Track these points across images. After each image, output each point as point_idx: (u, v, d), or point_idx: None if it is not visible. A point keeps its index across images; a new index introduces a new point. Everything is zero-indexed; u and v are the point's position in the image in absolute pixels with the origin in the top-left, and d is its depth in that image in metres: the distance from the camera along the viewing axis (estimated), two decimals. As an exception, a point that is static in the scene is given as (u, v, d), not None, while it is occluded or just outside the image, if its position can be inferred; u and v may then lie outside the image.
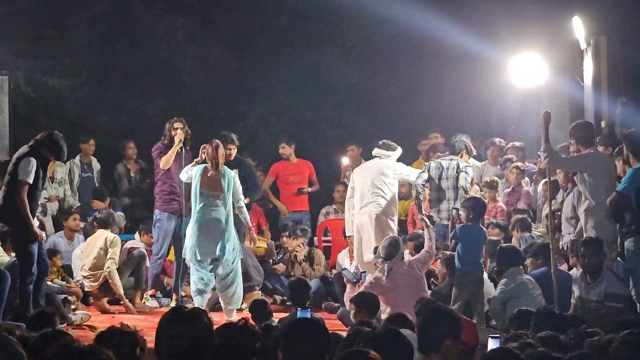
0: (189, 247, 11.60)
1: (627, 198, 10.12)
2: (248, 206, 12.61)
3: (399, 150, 12.83)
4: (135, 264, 12.75)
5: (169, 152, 12.66)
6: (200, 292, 11.62)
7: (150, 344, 6.16)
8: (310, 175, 15.30)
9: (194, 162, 11.80)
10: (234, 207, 11.81)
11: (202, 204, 11.55)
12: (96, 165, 15.61)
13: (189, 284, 11.98)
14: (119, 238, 12.68)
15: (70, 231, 13.81)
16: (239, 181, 11.93)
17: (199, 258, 11.52)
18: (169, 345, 5.01)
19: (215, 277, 11.63)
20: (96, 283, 12.37)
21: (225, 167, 11.75)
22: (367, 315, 9.07)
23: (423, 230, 11.41)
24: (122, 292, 12.37)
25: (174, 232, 12.79)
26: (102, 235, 12.51)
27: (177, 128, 12.76)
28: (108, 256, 12.32)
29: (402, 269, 10.61)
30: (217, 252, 11.47)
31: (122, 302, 12.43)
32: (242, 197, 11.88)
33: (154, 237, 13.01)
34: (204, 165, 11.66)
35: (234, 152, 13.21)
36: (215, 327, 5.41)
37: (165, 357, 5.05)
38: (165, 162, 12.68)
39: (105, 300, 12.51)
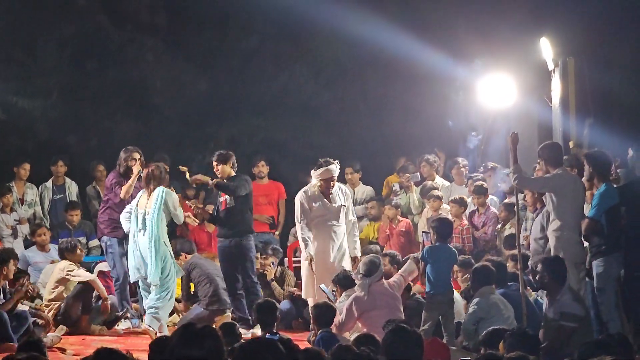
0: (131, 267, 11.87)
1: (599, 222, 10.23)
2: None
3: (322, 171, 12.28)
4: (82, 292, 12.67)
5: (129, 182, 12.69)
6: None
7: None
8: (279, 197, 15.18)
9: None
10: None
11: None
12: (73, 187, 15.40)
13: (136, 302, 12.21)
14: (73, 265, 12.60)
15: (40, 245, 13.82)
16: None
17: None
18: None
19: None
20: (51, 314, 12.33)
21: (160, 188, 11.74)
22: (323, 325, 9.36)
23: None
24: (102, 291, 12.45)
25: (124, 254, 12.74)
26: (57, 267, 12.43)
27: (135, 158, 12.81)
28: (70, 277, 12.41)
29: (381, 287, 10.54)
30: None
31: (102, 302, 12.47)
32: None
33: (109, 264, 12.95)
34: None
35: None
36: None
37: None
38: (125, 192, 12.63)
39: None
